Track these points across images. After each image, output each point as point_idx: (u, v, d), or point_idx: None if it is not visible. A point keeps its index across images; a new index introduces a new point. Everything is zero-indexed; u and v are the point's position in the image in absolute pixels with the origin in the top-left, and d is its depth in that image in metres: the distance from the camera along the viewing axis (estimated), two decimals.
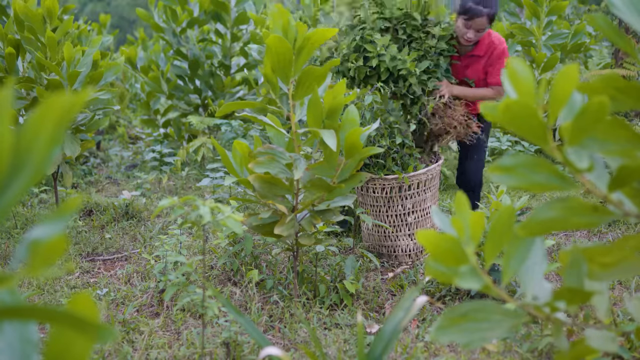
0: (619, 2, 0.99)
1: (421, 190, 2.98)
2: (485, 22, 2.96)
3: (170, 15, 5.62)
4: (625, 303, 1.57)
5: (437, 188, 3.10)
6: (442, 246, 1.04)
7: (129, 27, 25.66)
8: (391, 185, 2.93)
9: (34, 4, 3.56)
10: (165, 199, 1.78)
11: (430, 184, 3.01)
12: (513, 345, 2.04)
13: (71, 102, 0.62)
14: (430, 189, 3.03)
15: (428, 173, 2.96)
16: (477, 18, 2.93)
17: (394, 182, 2.92)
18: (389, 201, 2.97)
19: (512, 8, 5.66)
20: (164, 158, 5.55)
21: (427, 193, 3.02)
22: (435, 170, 3.02)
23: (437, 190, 3.12)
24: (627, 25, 5.41)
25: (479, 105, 3.25)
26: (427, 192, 3.01)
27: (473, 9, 2.93)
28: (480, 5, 2.92)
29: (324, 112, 2.21)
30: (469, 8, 2.93)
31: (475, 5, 2.92)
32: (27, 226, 3.65)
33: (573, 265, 1.10)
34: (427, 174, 2.95)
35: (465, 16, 2.95)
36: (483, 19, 2.94)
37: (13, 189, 0.62)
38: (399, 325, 1.48)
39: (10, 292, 0.71)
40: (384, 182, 2.93)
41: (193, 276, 2.25)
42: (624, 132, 0.94)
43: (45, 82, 3.51)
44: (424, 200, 3.01)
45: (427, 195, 3.02)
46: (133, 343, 2.15)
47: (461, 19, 2.98)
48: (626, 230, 3.38)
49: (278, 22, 2.13)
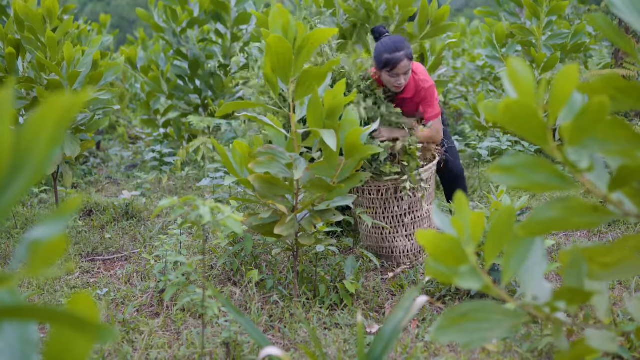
0: (619, 2, 0.99)
1: (417, 191, 2.98)
2: (407, 64, 2.93)
3: (170, 15, 5.63)
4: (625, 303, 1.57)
5: (433, 188, 3.10)
6: (442, 246, 1.04)
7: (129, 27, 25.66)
8: (386, 186, 2.93)
9: (34, 4, 3.56)
10: (165, 199, 1.78)
11: (426, 184, 3.01)
12: (513, 345, 2.04)
13: (71, 102, 0.62)
14: (426, 189, 3.03)
15: (423, 174, 2.96)
16: (398, 65, 2.91)
17: (389, 184, 2.92)
18: (384, 202, 2.97)
19: (512, 8, 5.66)
20: (164, 158, 5.55)
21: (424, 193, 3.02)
22: (430, 170, 3.02)
23: (434, 191, 3.12)
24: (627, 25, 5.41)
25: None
26: (423, 192, 3.01)
27: (391, 59, 2.90)
28: (395, 53, 2.89)
29: (324, 112, 2.21)
30: (388, 60, 2.90)
31: (391, 55, 2.89)
32: (27, 226, 3.66)
33: (573, 265, 1.10)
34: (422, 174, 2.95)
35: (387, 68, 2.92)
36: (404, 62, 2.91)
37: (13, 189, 0.62)
38: (399, 325, 1.48)
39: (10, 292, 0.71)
40: (379, 184, 2.93)
41: (193, 276, 2.25)
42: (624, 132, 0.94)
43: (45, 82, 3.51)
44: (419, 200, 3.01)
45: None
46: (133, 343, 2.15)
47: (385, 72, 2.95)
48: (626, 230, 3.38)
49: (278, 22, 2.13)
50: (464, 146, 5.59)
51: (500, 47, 5.28)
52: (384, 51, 2.91)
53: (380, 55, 2.93)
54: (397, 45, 2.92)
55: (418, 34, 3.79)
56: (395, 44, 2.92)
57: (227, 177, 2.94)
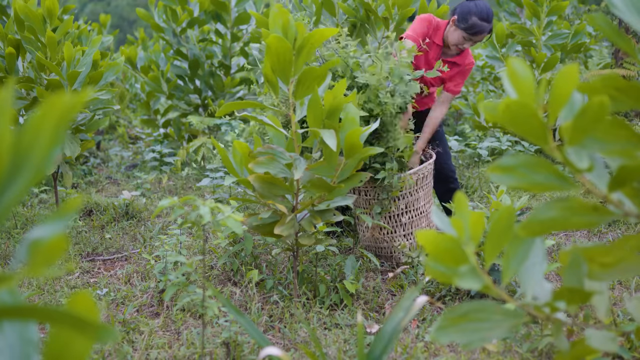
0: (619, 2, 0.99)
1: (414, 190, 2.97)
2: (485, 37, 2.95)
3: (170, 15, 5.63)
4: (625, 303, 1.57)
5: (430, 187, 3.09)
6: (442, 246, 1.04)
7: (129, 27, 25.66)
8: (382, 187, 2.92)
9: (34, 4, 3.56)
10: (165, 199, 1.78)
11: (422, 183, 3.00)
12: (513, 345, 2.04)
13: (71, 102, 0.62)
14: (423, 188, 3.01)
15: (419, 172, 2.95)
16: (481, 34, 2.91)
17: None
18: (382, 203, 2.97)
19: (512, 8, 5.67)
20: (164, 158, 5.55)
21: (420, 192, 3.01)
22: (426, 169, 3.01)
23: (431, 189, 3.11)
24: (627, 25, 5.41)
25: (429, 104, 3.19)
26: (419, 191, 3.00)
27: (479, 26, 2.88)
28: (484, 22, 2.88)
29: (324, 112, 2.21)
30: (476, 25, 2.88)
31: (480, 22, 2.88)
32: (27, 226, 3.65)
33: (573, 265, 1.10)
34: (418, 173, 2.94)
35: (470, 31, 2.90)
36: (485, 34, 2.92)
37: (13, 189, 0.62)
38: (399, 325, 1.48)
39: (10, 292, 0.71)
40: (375, 184, 2.92)
41: (193, 276, 2.25)
42: (624, 132, 0.94)
43: (45, 82, 3.51)
44: (417, 199, 3.00)
45: (419, 194, 3.00)
46: (133, 343, 2.15)
47: (462, 32, 2.93)
48: (626, 230, 3.38)
49: (278, 22, 2.13)
50: (464, 146, 5.59)
51: (500, 47, 5.28)
52: (476, 14, 2.88)
53: (469, 15, 2.89)
54: (489, 16, 2.90)
55: None
56: (489, 14, 2.90)
57: (227, 177, 2.94)
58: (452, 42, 3.00)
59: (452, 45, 3.02)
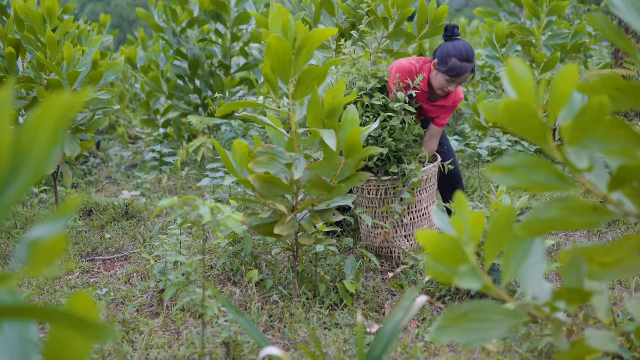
0: (619, 2, 0.99)
1: (417, 192, 2.97)
2: (468, 77, 2.89)
3: (170, 15, 5.63)
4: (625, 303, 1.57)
5: (434, 189, 3.09)
6: (442, 246, 1.04)
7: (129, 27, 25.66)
8: (386, 186, 2.93)
9: (34, 4, 3.56)
10: (165, 199, 1.78)
11: (426, 185, 3.00)
12: (513, 345, 2.04)
13: (71, 102, 0.62)
14: (427, 189, 3.02)
15: (424, 174, 2.95)
16: (463, 75, 2.85)
17: (388, 184, 2.92)
18: (384, 203, 2.97)
19: (512, 8, 5.66)
20: (164, 158, 5.55)
21: (423, 194, 3.01)
22: (431, 171, 3.00)
23: (435, 191, 3.11)
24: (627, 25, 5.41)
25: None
26: (422, 193, 3.00)
27: (459, 67, 2.82)
28: (465, 62, 2.82)
29: (324, 112, 2.21)
30: (456, 67, 2.82)
31: (461, 63, 2.82)
32: (27, 226, 3.65)
33: (573, 265, 1.10)
34: (422, 175, 2.94)
35: (451, 73, 2.85)
36: (468, 74, 2.86)
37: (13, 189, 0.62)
38: (399, 325, 1.48)
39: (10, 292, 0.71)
40: (378, 184, 2.92)
41: (193, 276, 2.25)
42: (624, 132, 0.94)
43: (45, 82, 3.51)
44: (419, 201, 3.00)
45: (423, 196, 3.01)
46: (133, 343, 2.15)
47: (444, 74, 2.88)
48: (626, 230, 3.38)
49: (278, 22, 2.13)
50: (464, 146, 5.59)
51: (500, 47, 5.28)
52: (455, 56, 2.83)
53: (449, 58, 2.84)
54: (470, 55, 2.85)
55: (417, 33, 3.79)
56: (469, 53, 2.85)
57: (227, 177, 2.94)
58: (437, 86, 2.95)
59: (437, 89, 2.97)
